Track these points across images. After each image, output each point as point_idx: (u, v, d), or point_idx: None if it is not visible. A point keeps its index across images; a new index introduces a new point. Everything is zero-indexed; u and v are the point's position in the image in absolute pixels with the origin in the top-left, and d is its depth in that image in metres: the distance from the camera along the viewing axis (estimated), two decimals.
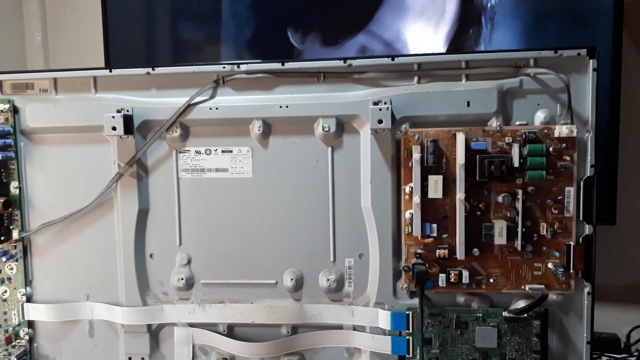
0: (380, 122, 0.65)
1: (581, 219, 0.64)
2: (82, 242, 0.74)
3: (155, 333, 0.74)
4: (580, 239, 0.64)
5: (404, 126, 0.66)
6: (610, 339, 0.89)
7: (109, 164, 0.72)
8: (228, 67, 0.69)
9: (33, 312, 0.75)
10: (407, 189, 0.65)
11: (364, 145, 0.68)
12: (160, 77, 0.70)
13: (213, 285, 0.73)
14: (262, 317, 0.71)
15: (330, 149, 0.69)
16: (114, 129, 0.69)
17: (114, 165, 0.71)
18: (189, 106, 0.69)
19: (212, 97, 0.70)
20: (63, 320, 0.75)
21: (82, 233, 0.74)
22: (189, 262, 0.73)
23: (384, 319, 0.68)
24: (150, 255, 0.73)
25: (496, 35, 0.87)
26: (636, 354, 0.87)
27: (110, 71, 0.71)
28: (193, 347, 0.73)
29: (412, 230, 0.65)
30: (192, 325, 0.73)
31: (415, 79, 0.67)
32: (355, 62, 0.67)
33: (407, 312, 0.67)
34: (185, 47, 1.02)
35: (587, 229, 0.64)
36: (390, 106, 0.65)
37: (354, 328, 0.70)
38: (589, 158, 0.63)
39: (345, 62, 0.67)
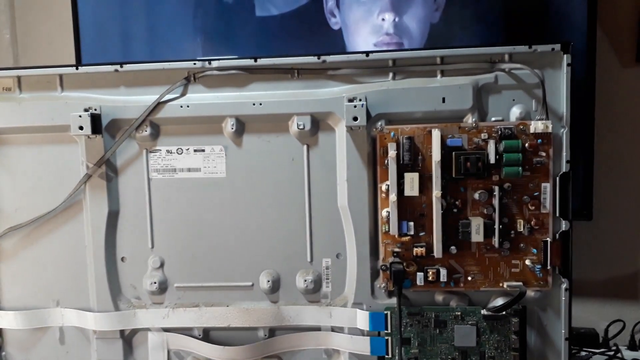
0: (355, 119, 0.64)
1: (557, 214, 0.64)
2: (51, 246, 0.72)
3: (128, 339, 0.72)
4: (557, 235, 0.64)
5: (379, 123, 0.65)
6: (588, 333, 0.89)
7: (76, 164, 0.69)
8: (199, 64, 0.67)
9: (0, 319, 0.72)
10: (384, 187, 0.64)
11: (339, 143, 0.67)
12: (129, 74, 0.68)
13: (187, 289, 0.71)
14: (239, 320, 0.69)
15: (305, 147, 0.68)
16: (81, 128, 0.67)
17: (82, 166, 0.69)
18: (159, 104, 0.67)
19: (183, 95, 0.68)
20: (32, 328, 0.72)
21: (50, 237, 0.72)
22: (161, 265, 0.71)
23: (362, 319, 0.67)
24: (122, 259, 0.71)
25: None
26: (614, 348, 0.87)
27: (77, 69, 0.69)
28: (168, 352, 0.71)
29: (389, 228, 0.64)
30: (166, 330, 0.71)
31: (390, 75, 0.66)
32: (329, 58, 0.66)
33: (386, 312, 0.66)
34: (162, 43, 0.99)
35: (564, 225, 0.64)
36: (365, 103, 0.64)
37: (332, 329, 0.69)
38: (564, 153, 0.63)
39: (319, 58, 0.66)
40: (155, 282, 0.70)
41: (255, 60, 0.66)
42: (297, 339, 0.70)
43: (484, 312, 0.65)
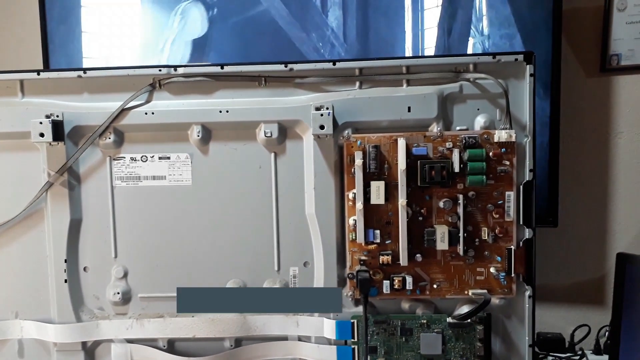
0: (322, 127, 0.64)
1: (521, 222, 0.64)
2: (10, 256, 0.70)
3: (90, 351, 0.70)
4: (521, 242, 0.65)
5: (346, 132, 0.65)
6: (555, 338, 0.91)
7: (38, 172, 0.68)
8: (164, 70, 0.66)
9: None
10: (351, 195, 0.64)
11: (307, 151, 0.67)
12: (93, 80, 0.67)
13: (151, 299, 0.69)
14: (204, 331, 0.68)
15: (273, 154, 0.67)
16: (42, 135, 0.65)
17: (43, 174, 0.67)
18: (123, 111, 0.66)
19: (148, 102, 0.67)
20: None
21: (9, 246, 0.70)
22: (125, 275, 0.69)
23: (329, 328, 0.66)
24: (84, 269, 0.69)
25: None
26: (580, 352, 0.89)
27: (39, 74, 0.67)
28: None
29: (355, 236, 0.64)
30: (130, 341, 0.69)
31: (357, 84, 0.66)
32: (296, 67, 0.66)
33: (352, 321, 0.66)
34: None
35: (527, 233, 0.65)
36: (331, 111, 0.64)
37: (299, 338, 0.68)
38: (527, 162, 0.64)
39: (286, 66, 0.66)
40: (118, 293, 0.69)
41: (222, 67, 0.66)
42: (264, 349, 0.69)
43: (449, 319, 0.65)
